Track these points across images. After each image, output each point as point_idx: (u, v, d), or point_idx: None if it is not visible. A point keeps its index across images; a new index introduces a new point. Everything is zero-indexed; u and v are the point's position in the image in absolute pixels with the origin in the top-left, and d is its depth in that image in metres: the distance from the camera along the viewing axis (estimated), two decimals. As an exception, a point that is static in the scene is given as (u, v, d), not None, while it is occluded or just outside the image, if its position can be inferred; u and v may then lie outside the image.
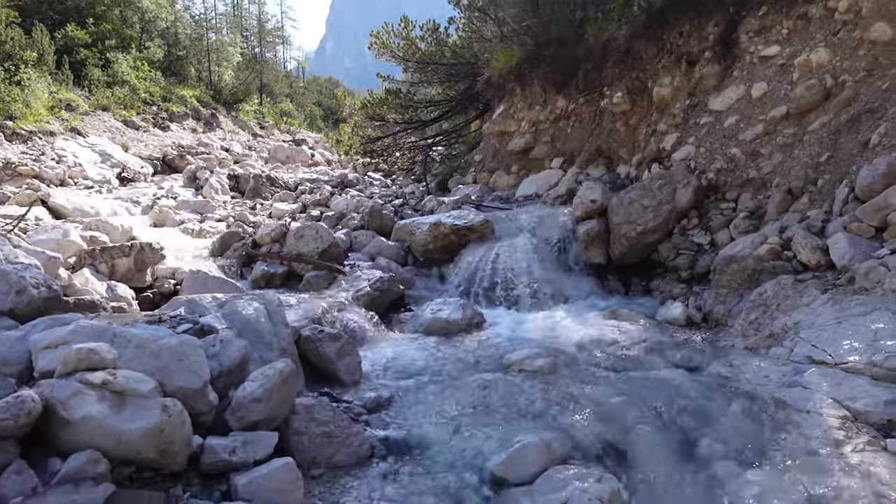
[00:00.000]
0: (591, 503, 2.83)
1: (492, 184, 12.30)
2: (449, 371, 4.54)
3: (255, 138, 26.83)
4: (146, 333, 2.80)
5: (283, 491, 2.56)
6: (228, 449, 2.66)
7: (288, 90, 37.05)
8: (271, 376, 2.89)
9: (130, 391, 2.40)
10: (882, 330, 3.67)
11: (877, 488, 2.78)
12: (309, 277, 6.26)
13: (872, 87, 5.53)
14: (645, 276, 6.86)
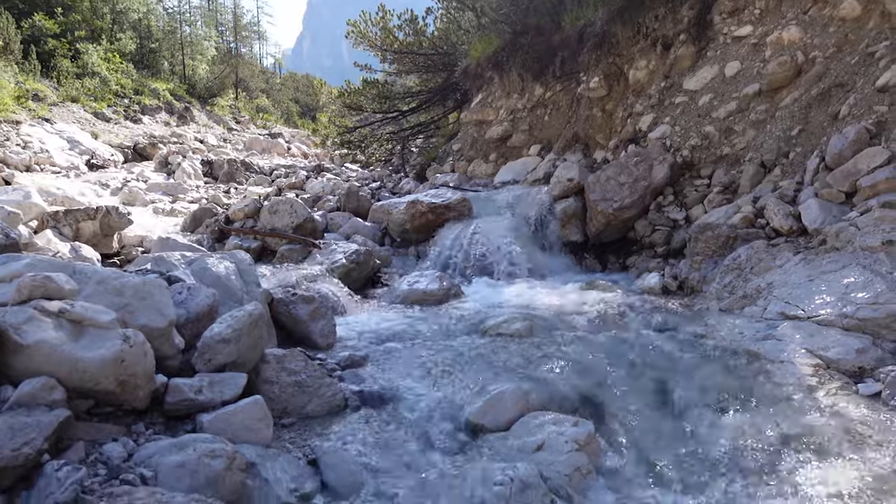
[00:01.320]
0: (567, 445, 2.79)
1: (470, 172, 12.27)
2: (426, 335, 4.48)
3: (231, 132, 26.43)
4: (108, 271, 2.69)
5: (252, 429, 2.47)
6: (194, 388, 2.56)
7: (264, 86, 36.61)
8: (241, 317, 2.80)
9: (89, 321, 2.29)
10: (853, 283, 3.72)
11: (849, 425, 2.80)
12: (283, 251, 6.14)
13: (842, 62, 5.64)
14: (621, 254, 6.89)
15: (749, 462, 2.72)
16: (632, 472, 2.77)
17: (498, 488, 2.26)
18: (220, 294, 3.66)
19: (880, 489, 2.41)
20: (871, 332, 3.44)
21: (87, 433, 2.19)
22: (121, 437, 2.24)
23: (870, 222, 4.05)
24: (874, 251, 3.86)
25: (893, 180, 4.32)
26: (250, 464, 2.28)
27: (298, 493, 2.30)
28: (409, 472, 2.53)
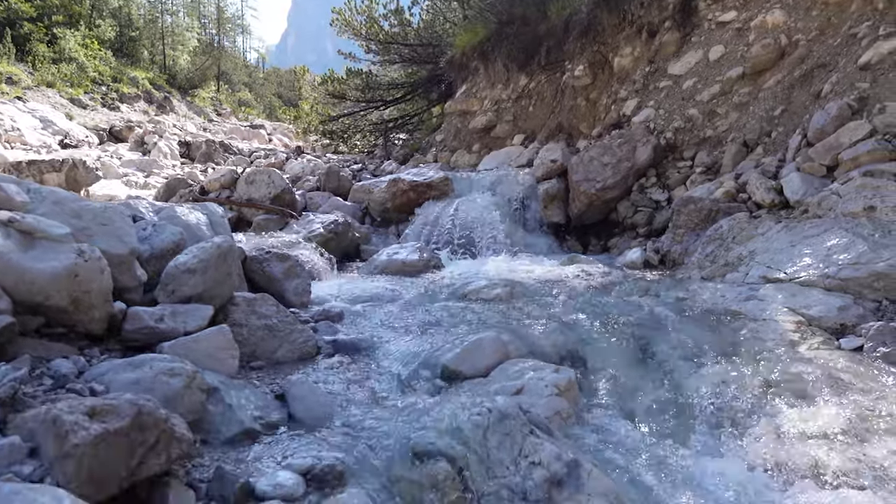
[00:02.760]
0: (547, 389, 2.69)
1: (453, 162, 12.19)
2: (404, 298, 4.37)
3: (211, 123, 26.03)
4: (67, 193, 2.53)
5: (216, 358, 2.33)
6: (155, 316, 2.41)
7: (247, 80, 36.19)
8: (208, 248, 2.66)
9: (41, 233, 2.13)
10: (835, 245, 3.70)
11: (831, 373, 2.75)
12: (259, 220, 5.98)
13: (825, 44, 5.68)
14: (603, 236, 6.85)
15: (731, 407, 2.65)
16: (612, 417, 2.68)
17: (476, 417, 2.15)
18: (189, 242, 3.51)
19: (863, 428, 2.36)
20: (852, 292, 3.41)
21: (34, 349, 2.04)
22: (72, 356, 2.09)
23: (851, 190, 4.05)
24: (856, 216, 3.85)
25: (875, 152, 4.33)
26: (213, 388, 2.14)
27: (263, 420, 2.16)
28: (381, 407, 2.41)
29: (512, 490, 1.95)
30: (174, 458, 1.59)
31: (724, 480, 2.16)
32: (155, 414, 1.54)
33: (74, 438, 1.34)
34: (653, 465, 2.27)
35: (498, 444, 2.08)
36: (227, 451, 1.98)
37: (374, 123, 15.54)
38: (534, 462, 2.03)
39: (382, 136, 14.93)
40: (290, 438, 2.08)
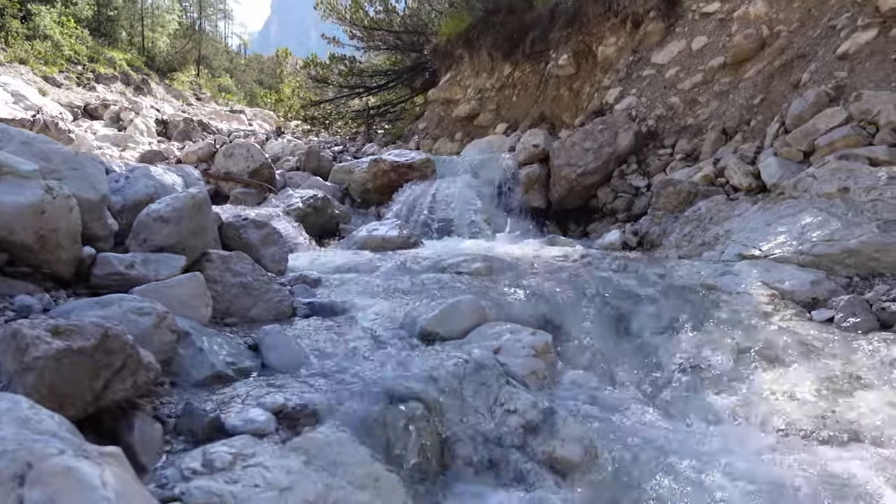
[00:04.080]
0: (524, 350, 2.69)
1: (435, 150, 12.14)
2: (382, 269, 4.33)
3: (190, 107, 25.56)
4: (36, 135, 2.44)
5: (188, 304, 2.28)
6: (126, 262, 2.35)
7: (228, 65, 35.62)
8: (182, 198, 2.59)
9: (7, 168, 2.05)
10: (809, 224, 3.76)
11: (802, 341, 2.80)
12: (236, 194, 5.89)
13: (805, 35, 5.77)
14: (583, 221, 6.89)
15: (705, 371, 2.68)
16: (588, 379, 2.69)
17: (452, 367, 2.14)
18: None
19: (830, 389, 2.40)
20: (825, 267, 3.47)
21: (-4, 285, 1.96)
22: (37, 294, 2.02)
23: (826, 173, 4.12)
24: (831, 197, 3.92)
25: (850, 138, 4.42)
26: (184, 332, 2.09)
27: (236, 366, 2.12)
28: (356, 358, 2.38)
29: (487, 435, 1.94)
30: (140, 385, 1.54)
31: (694, 435, 2.18)
32: (122, 338, 1.49)
33: (35, 351, 1.29)
34: (626, 419, 2.28)
35: (474, 392, 2.07)
36: (197, 392, 1.93)
37: (356, 111, 15.40)
38: (509, 409, 2.02)
39: (365, 124, 14.80)
40: (262, 383, 2.04)
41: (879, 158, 4.10)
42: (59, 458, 0.88)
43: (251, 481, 1.46)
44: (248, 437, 1.63)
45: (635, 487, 1.82)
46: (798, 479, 1.85)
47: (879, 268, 3.34)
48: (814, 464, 1.92)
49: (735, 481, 1.86)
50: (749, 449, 2.06)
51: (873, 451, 2.00)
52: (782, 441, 2.11)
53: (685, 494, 1.79)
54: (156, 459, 1.54)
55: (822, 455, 1.98)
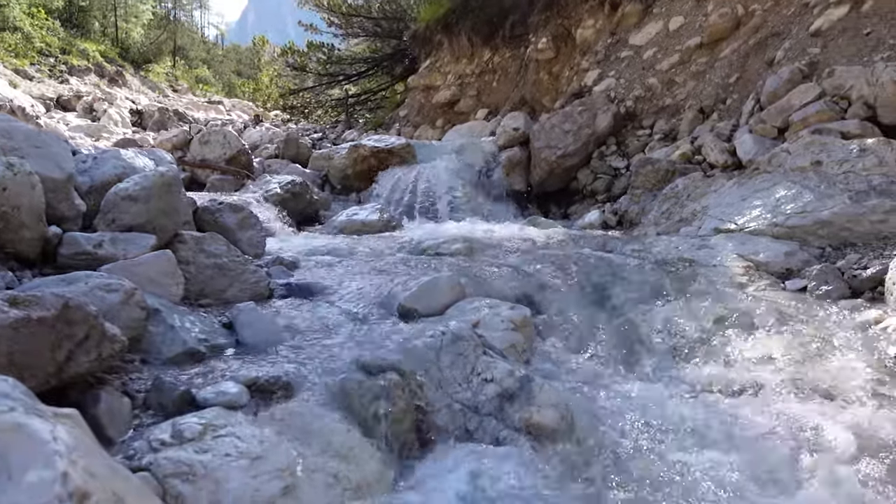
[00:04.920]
0: (503, 324, 2.69)
1: (416, 137, 12.07)
2: (362, 252, 4.30)
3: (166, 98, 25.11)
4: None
5: (159, 283, 2.24)
6: (93, 242, 2.30)
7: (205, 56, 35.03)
8: (151, 176, 2.54)
9: (-35, 144, 1.99)
10: (783, 197, 3.80)
11: (776, 308, 2.83)
12: (213, 181, 5.80)
13: (779, 14, 5.81)
14: (564, 203, 6.90)
15: (680, 339, 2.71)
16: (567, 351, 2.70)
17: (429, 339, 2.13)
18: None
19: (801, 352, 2.43)
20: (799, 239, 3.52)
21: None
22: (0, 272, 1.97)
23: (800, 147, 4.16)
24: (804, 171, 3.97)
25: (823, 113, 4.47)
26: (154, 310, 2.06)
27: (209, 343, 2.09)
28: (333, 335, 2.35)
29: (464, 404, 1.94)
30: (106, 358, 1.51)
31: (671, 399, 2.19)
32: (84, 309, 1.46)
33: (-9, 321, 1.25)
34: (603, 387, 2.30)
35: (451, 363, 2.06)
36: (168, 368, 1.90)
37: (336, 99, 15.25)
38: (486, 379, 2.02)
39: (345, 112, 14.67)
40: (236, 359, 2.01)
41: (851, 132, 4.15)
42: (9, 415, 0.86)
43: (222, 450, 1.44)
44: (220, 409, 1.61)
45: (611, 451, 1.83)
46: (770, 436, 1.87)
47: (851, 238, 3.39)
48: (786, 423, 1.95)
49: (709, 442, 1.88)
50: (723, 412, 2.09)
51: (842, 407, 2.03)
52: (756, 403, 2.14)
53: (660, 456, 1.80)
54: (123, 432, 1.51)
55: (795, 414, 2.01)
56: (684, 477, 1.72)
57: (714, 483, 1.68)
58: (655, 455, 1.81)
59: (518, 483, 1.59)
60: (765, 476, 1.73)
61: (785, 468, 1.73)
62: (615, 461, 1.77)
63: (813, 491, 1.63)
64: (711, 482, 1.70)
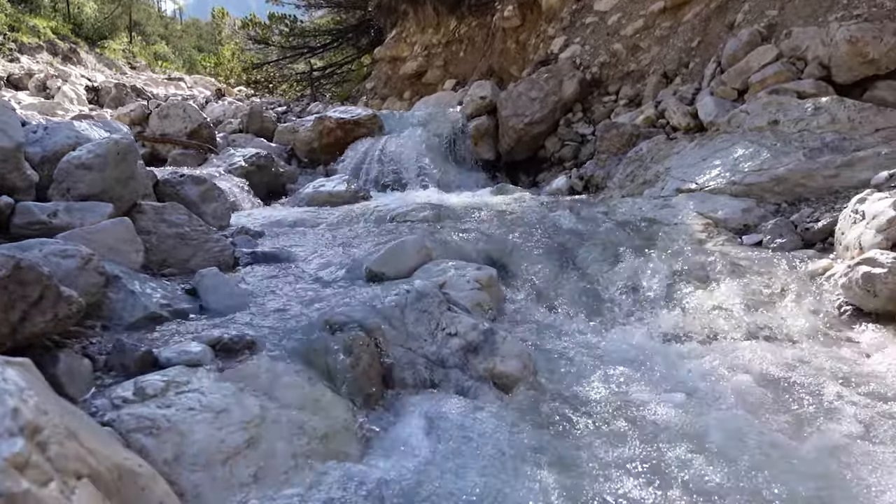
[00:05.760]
0: (469, 284, 2.72)
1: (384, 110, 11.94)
2: (329, 221, 4.28)
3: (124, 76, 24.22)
4: (-66, 79, 2.27)
5: (117, 250, 2.20)
6: (48, 211, 2.25)
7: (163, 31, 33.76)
8: (104, 144, 2.48)
9: None
10: (741, 156, 3.90)
11: (732, 262, 2.93)
12: (175, 156, 5.66)
13: (738, -23, 5.85)
14: (532, 172, 6.93)
15: (642, 293, 2.79)
16: (533, 308, 2.76)
17: (394, 297, 2.15)
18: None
19: (753, 300, 2.53)
20: (756, 196, 3.62)
21: None
22: (-52, 242, 1.91)
23: (758, 107, 4.25)
24: (761, 130, 4.06)
25: (780, 73, 4.56)
26: (114, 276, 2.03)
27: (171, 308, 2.07)
28: (298, 298, 2.36)
29: (429, 357, 1.97)
30: (63, 319, 1.49)
31: (630, 347, 2.27)
32: (36, 269, 1.44)
33: (-63, 280, 1.23)
34: (566, 338, 2.36)
35: (416, 319, 2.09)
36: (130, 332, 1.89)
37: (301, 73, 14.93)
38: (450, 333, 2.05)
39: (310, 86, 14.38)
40: (199, 322, 2.01)
41: (807, 91, 4.25)
42: (-44, 360, 0.85)
43: (185, 405, 1.45)
44: (183, 368, 1.61)
45: (572, 395, 1.90)
46: (722, 376, 1.96)
47: (805, 193, 3.51)
48: (736, 362, 2.04)
49: (663, 383, 1.96)
50: (680, 356, 2.17)
51: (787, 347, 2.13)
52: (710, 347, 2.23)
53: (617, 398, 1.87)
54: (84, 392, 1.51)
55: (745, 355, 2.10)
56: (642, 417, 1.79)
57: (668, 421, 1.76)
58: (614, 397, 1.87)
59: (480, 427, 1.64)
60: (716, 410, 1.81)
61: (732, 403, 1.82)
62: (576, 404, 1.83)
63: (755, 418, 1.73)
64: (667, 422, 1.77)
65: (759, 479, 1.46)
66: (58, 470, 0.72)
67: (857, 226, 2.63)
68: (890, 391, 1.84)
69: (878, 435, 1.63)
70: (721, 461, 1.53)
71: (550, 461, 1.50)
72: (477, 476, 1.41)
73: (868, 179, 3.23)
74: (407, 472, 1.42)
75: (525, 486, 1.39)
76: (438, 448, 1.53)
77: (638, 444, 1.63)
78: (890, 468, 1.48)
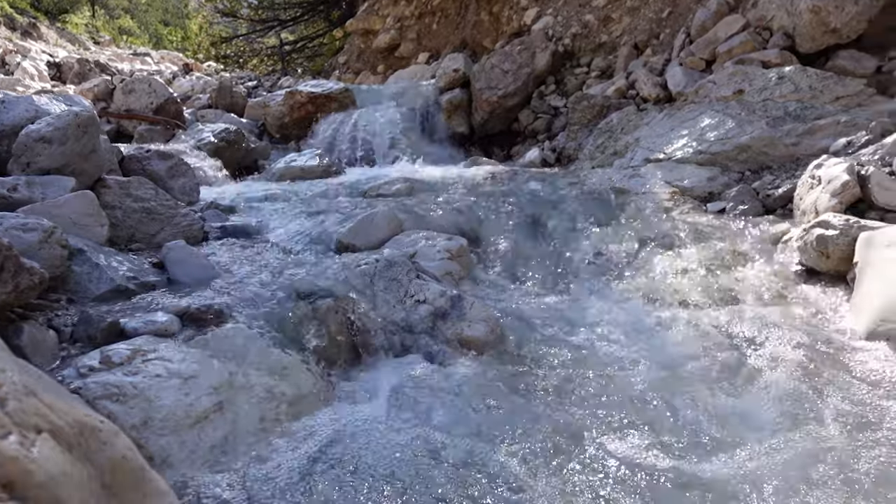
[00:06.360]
0: (439, 254, 2.76)
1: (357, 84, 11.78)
2: (301, 196, 4.25)
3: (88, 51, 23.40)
4: None
5: (81, 224, 2.18)
6: (7, 185, 2.20)
7: (127, 4, 32.59)
8: (64, 116, 2.43)
9: None
10: (708, 125, 3.96)
11: (696, 228, 3.00)
12: (141, 132, 5.54)
13: (708, -54, 5.86)
14: (506, 145, 6.94)
15: (610, 260, 2.85)
16: (503, 276, 2.81)
17: (363, 266, 2.18)
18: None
19: (716, 264, 2.61)
20: (721, 164, 3.69)
21: None
22: None
23: (724, 77, 4.31)
24: (727, 100, 4.13)
25: (746, 43, 4.61)
26: (78, 250, 2.01)
27: (138, 280, 2.07)
28: (268, 269, 2.36)
29: (398, 324, 2.01)
30: (24, 290, 1.49)
31: (596, 311, 2.33)
32: (-5, 240, 1.42)
33: None
34: (534, 304, 2.41)
35: (385, 287, 2.12)
36: (97, 305, 1.88)
37: (271, 47, 14.60)
38: (419, 300, 2.09)
39: (281, 61, 14.08)
40: (166, 294, 2.00)
41: (772, 61, 4.31)
42: None
43: (152, 372, 1.47)
44: (150, 337, 1.62)
45: (537, 357, 1.95)
46: (682, 337, 2.03)
47: (767, 161, 3.59)
48: (696, 323, 2.12)
49: (627, 346, 2.03)
50: (644, 317, 2.24)
51: (748, 308, 2.21)
52: (674, 308, 2.30)
53: (581, 359, 1.93)
54: (50, 362, 1.51)
55: (707, 317, 2.18)
56: (605, 376, 1.85)
57: (630, 381, 1.83)
58: (578, 359, 1.93)
59: (445, 387, 1.68)
60: (678, 371, 1.89)
61: (693, 360, 1.89)
62: (541, 365, 1.89)
63: (714, 374, 1.81)
64: (629, 381, 1.84)
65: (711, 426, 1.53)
66: (16, 424, 0.73)
67: (814, 191, 2.71)
68: (832, 345, 1.93)
69: (811, 376, 1.72)
70: (670, 412, 1.61)
71: (511, 417, 1.55)
72: (434, 430, 1.46)
73: (827, 147, 3.31)
74: (370, 431, 1.46)
75: (484, 440, 1.45)
76: (403, 408, 1.57)
77: (598, 400, 1.69)
78: (818, 397, 1.57)
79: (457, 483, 1.31)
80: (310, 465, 1.37)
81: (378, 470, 1.35)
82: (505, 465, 1.37)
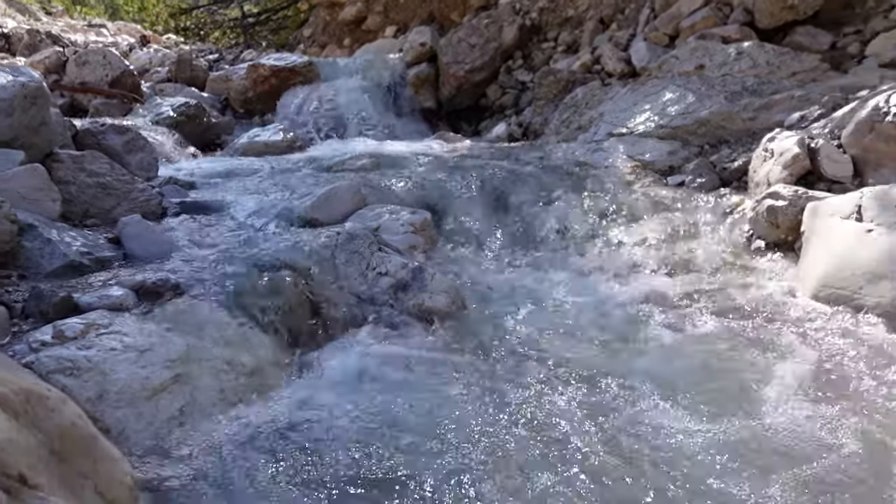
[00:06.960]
0: (402, 227, 2.77)
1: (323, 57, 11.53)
2: (264, 171, 4.19)
3: (39, 22, 22.32)
4: None
5: (31, 199, 2.12)
6: (-51, 159, 2.12)
7: (80, -28, 31.05)
8: (9, 87, 2.34)
9: None
10: (669, 100, 4.02)
11: (656, 201, 3.07)
12: (97, 105, 5.35)
13: (672, -80, 5.87)
14: (474, 120, 6.92)
15: (570, 232, 2.90)
16: (467, 249, 2.83)
17: (324, 240, 2.17)
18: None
19: (673, 234, 2.69)
20: (681, 138, 3.76)
21: None
22: None
23: (686, 52, 4.37)
24: (689, 75, 4.19)
25: (708, 19, 4.67)
26: (29, 225, 1.96)
27: (93, 256, 2.03)
28: (228, 243, 2.34)
29: (359, 296, 2.02)
30: (-31, 264, 1.45)
31: (556, 281, 2.38)
32: (-65, 213, 1.38)
33: None
34: (497, 276, 2.45)
35: (346, 260, 2.13)
36: (49, 281, 1.84)
37: (234, 19, 14.14)
38: (381, 272, 2.10)
39: (244, 34, 13.67)
40: (122, 269, 1.97)
41: (732, 36, 4.38)
42: None
43: (107, 346, 1.45)
44: (104, 311, 1.60)
45: (498, 327, 1.99)
46: (639, 305, 2.10)
47: (725, 135, 3.67)
48: (653, 291, 2.19)
49: (583, 313, 2.08)
50: (602, 286, 2.30)
51: (702, 276, 2.29)
52: (631, 278, 2.37)
53: (539, 327, 1.98)
54: (1, 338, 1.48)
55: (661, 284, 2.25)
56: (560, 344, 1.90)
57: (583, 346, 1.88)
58: (535, 327, 1.98)
59: (408, 355, 1.71)
60: (631, 336, 1.95)
61: (642, 324, 1.96)
62: (499, 334, 1.93)
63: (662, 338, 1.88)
64: (581, 347, 1.89)
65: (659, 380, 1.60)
66: (-43, 392, 0.73)
67: (767, 163, 2.80)
68: (777, 310, 2.03)
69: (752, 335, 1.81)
70: (622, 371, 1.67)
71: (469, 383, 1.59)
72: (394, 399, 1.49)
73: (782, 121, 3.41)
74: (330, 401, 1.48)
75: (444, 407, 1.48)
76: (363, 378, 1.60)
77: (553, 363, 1.74)
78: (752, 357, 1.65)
79: (416, 451, 1.34)
80: (270, 434, 1.39)
81: (338, 439, 1.38)
82: (463, 430, 1.41)
